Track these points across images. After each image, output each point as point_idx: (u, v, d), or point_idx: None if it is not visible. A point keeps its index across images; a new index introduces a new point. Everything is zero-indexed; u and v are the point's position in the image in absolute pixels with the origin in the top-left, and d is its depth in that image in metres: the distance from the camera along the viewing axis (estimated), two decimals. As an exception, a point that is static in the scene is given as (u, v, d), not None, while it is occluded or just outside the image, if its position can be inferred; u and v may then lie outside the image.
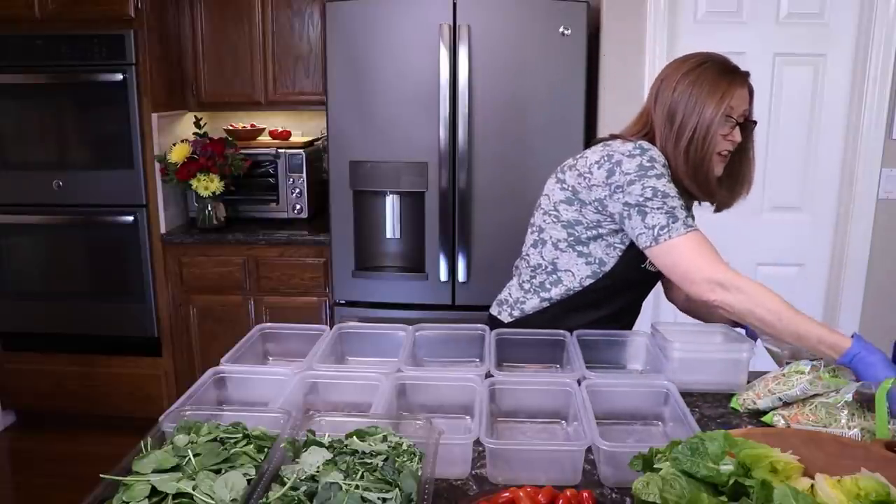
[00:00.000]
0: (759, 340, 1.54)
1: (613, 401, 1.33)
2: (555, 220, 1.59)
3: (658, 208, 1.46)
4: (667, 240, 1.46)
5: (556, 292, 1.63)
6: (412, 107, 2.77)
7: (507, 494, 0.99)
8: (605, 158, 1.51)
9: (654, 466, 0.98)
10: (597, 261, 1.58)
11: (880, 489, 0.89)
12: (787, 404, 1.31)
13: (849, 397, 1.24)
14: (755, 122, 1.56)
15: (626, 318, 1.73)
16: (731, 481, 0.91)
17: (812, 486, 0.94)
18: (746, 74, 1.53)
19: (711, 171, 1.51)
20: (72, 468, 2.98)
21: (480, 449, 1.16)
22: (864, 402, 1.22)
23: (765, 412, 1.34)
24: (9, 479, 3.08)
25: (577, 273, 1.60)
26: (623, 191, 1.48)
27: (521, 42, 2.70)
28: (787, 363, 1.40)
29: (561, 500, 0.98)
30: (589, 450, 1.15)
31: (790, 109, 2.76)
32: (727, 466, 0.93)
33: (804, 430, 1.19)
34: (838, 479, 0.93)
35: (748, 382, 1.43)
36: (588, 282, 1.60)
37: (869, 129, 2.68)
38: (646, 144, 1.50)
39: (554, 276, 1.62)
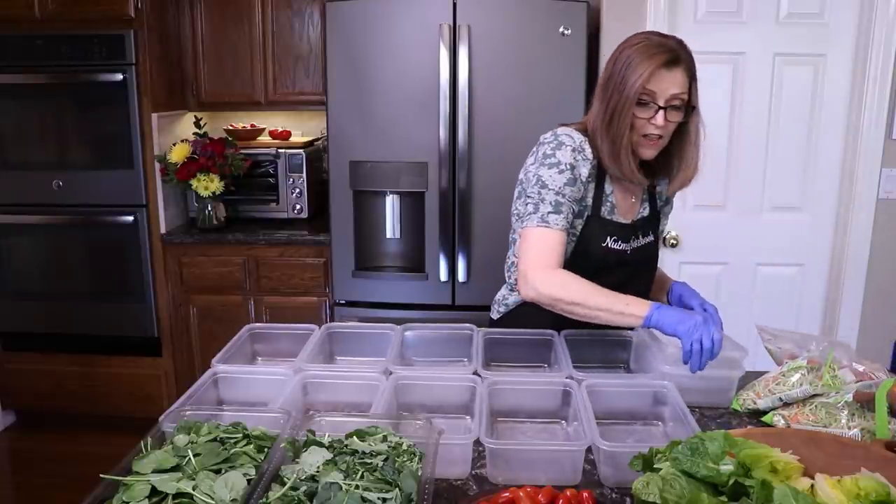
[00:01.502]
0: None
1: (613, 401, 1.33)
2: (515, 217, 1.63)
3: (531, 196, 1.51)
4: (522, 228, 1.53)
5: None
6: (412, 107, 2.77)
7: (507, 494, 0.99)
8: (535, 146, 1.59)
9: (654, 466, 0.98)
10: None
11: (880, 489, 0.89)
12: (787, 404, 1.31)
13: (849, 397, 1.25)
14: (692, 108, 1.51)
15: None
16: (731, 481, 0.91)
17: (812, 486, 0.94)
18: (681, 58, 1.46)
19: (624, 151, 1.49)
20: (72, 468, 2.98)
21: (480, 449, 1.16)
22: (864, 402, 1.22)
23: (765, 412, 1.34)
24: (9, 479, 3.08)
25: None
26: (524, 171, 1.57)
27: (521, 42, 2.70)
28: (786, 362, 1.40)
29: (561, 500, 0.98)
30: (589, 450, 1.15)
31: (790, 109, 2.75)
32: (727, 466, 0.93)
33: (804, 430, 1.19)
34: (838, 479, 0.93)
35: (749, 382, 1.43)
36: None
37: (869, 129, 2.68)
38: (563, 132, 1.54)
39: None
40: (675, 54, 1.44)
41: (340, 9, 2.73)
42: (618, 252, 1.59)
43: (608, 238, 1.57)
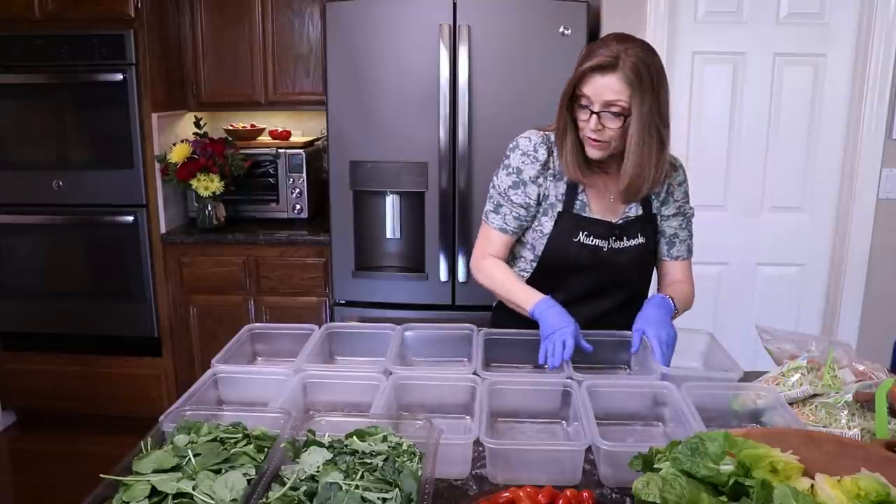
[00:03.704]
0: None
1: (613, 401, 1.33)
2: None
3: (489, 197, 1.67)
4: (481, 224, 1.71)
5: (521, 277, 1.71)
6: (412, 107, 2.77)
7: (507, 494, 0.99)
8: None
9: (654, 466, 0.98)
10: (532, 246, 1.67)
11: (880, 489, 0.89)
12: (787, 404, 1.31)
13: (849, 397, 1.25)
14: (626, 114, 1.45)
15: (595, 303, 1.66)
16: (731, 481, 0.91)
17: (812, 486, 0.94)
18: (618, 65, 1.42)
19: (567, 151, 1.54)
20: (72, 468, 2.98)
21: (480, 449, 1.16)
22: (864, 402, 1.22)
23: (765, 412, 1.34)
24: (9, 479, 3.08)
25: (525, 259, 1.69)
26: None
27: (521, 42, 2.70)
28: (786, 362, 1.40)
29: (561, 500, 0.98)
30: (589, 450, 1.15)
31: (790, 109, 2.76)
32: (727, 466, 0.93)
33: (804, 430, 1.19)
34: (838, 479, 0.93)
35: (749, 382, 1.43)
36: (534, 265, 1.67)
37: (869, 129, 2.68)
38: (524, 136, 1.63)
39: (513, 264, 1.73)
40: (610, 60, 1.43)
41: (340, 9, 2.73)
42: (592, 248, 1.61)
43: (580, 234, 1.60)
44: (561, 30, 2.67)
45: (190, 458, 1.00)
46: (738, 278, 2.90)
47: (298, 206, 3.33)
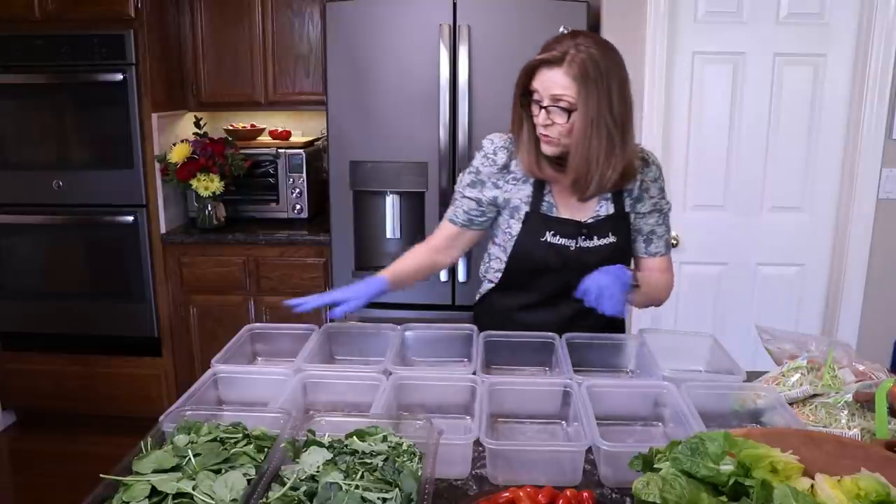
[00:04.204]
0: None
1: (614, 402, 1.33)
2: None
3: (453, 195, 1.71)
4: None
5: (491, 276, 1.74)
6: (412, 107, 2.77)
7: (507, 494, 0.99)
8: None
9: (654, 466, 0.98)
10: (503, 248, 1.68)
11: (880, 489, 0.89)
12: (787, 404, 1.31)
13: (849, 397, 1.25)
14: (573, 109, 1.45)
15: (569, 303, 1.61)
16: (731, 481, 0.91)
17: (812, 486, 0.94)
18: (566, 60, 1.43)
19: (523, 146, 1.56)
20: (72, 468, 2.98)
21: (480, 449, 1.16)
22: (864, 402, 1.22)
23: (765, 412, 1.34)
24: (9, 479, 3.08)
25: (500, 260, 1.70)
26: None
27: (521, 42, 2.70)
28: (786, 362, 1.40)
29: (561, 500, 0.98)
30: (589, 450, 1.15)
31: (790, 109, 2.75)
32: (727, 466, 0.93)
33: (804, 430, 1.19)
34: (838, 479, 0.93)
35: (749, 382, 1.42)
36: (503, 265, 1.69)
37: (869, 129, 2.68)
38: (488, 137, 1.67)
39: (488, 263, 1.76)
40: (558, 55, 1.43)
41: (340, 9, 2.73)
42: (559, 248, 1.61)
43: (547, 234, 1.61)
44: (561, 30, 2.65)
45: (190, 458, 1.00)
46: (738, 278, 2.90)
47: (298, 206, 3.33)
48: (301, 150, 3.30)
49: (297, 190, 3.31)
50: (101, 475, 0.97)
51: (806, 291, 2.90)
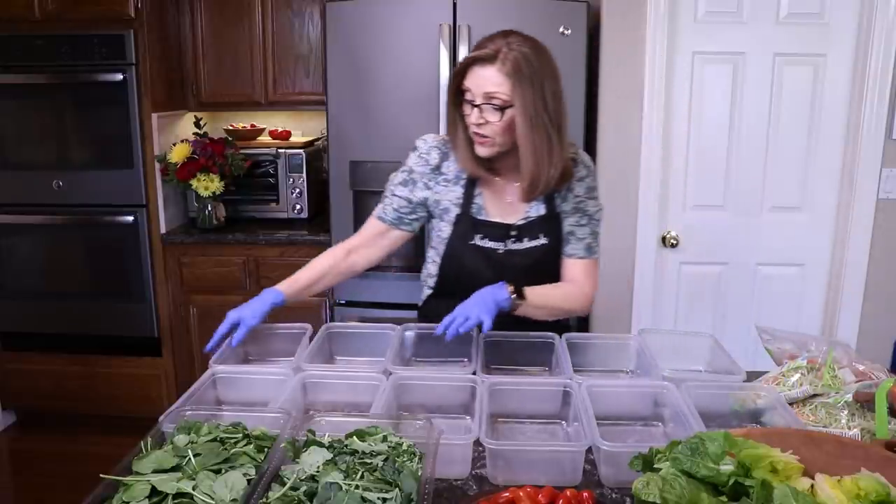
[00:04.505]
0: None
1: (614, 402, 1.33)
2: None
3: (384, 193, 1.71)
4: None
5: (430, 282, 1.75)
6: (412, 107, 2.77)
7: (507, 494, 0.99)
8: None
9: (654, 466, 0.98)
10: (437, 249, 1.69)
11: (880, 489, 0.89)
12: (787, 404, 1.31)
13: (849, 397, 1.25)
14: (506, 107, 1.45)
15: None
16: (731, 481, 0.91)
17: (812, 486, 0.94)
18: (498, 57, 1.43)
19: (459, 148, 1.56)
20: (72, 468, 2.98)
21: (480, 449, 1.16)
22: (864, 402, 1.22)
23: (765, 412, 1.34)
24: (9, 479, 3.08)
25: (435, 263, 1.71)
26: None
27: (521, 42, 2.70)
28: (786, 362, 1.40)
29: (561, 500, 0.98)
30: (589, 450, 1.15)
31: (790, 109, 2.75)
32: (727, 466, 0.93)
33: (804, 430, 1.19)
34: (838, 479, 0.93)
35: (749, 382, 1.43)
36: (437, 269, 1.70)
37: (869, 129, 2.68)
38: (422, 139, 1.68)
39: (426, 268, 1.76)
40: (490, 53, 1.44)
41: (340, 9, 2.73)
42: (487, 251, 1.61)
43: (476, 236, 1.61)
44: (561, 30, 2.67)
45: (190, 458, 1.00)
46: (738, 278, 2.90)
47: (298, 206, 3.33)
48: (301, 150, 3.30)
49: (297, 190, 3.31)
50: (101, 475, 0.97)
51: (806, 291, 2.90)
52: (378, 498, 0.93)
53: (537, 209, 1.62)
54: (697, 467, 0.93)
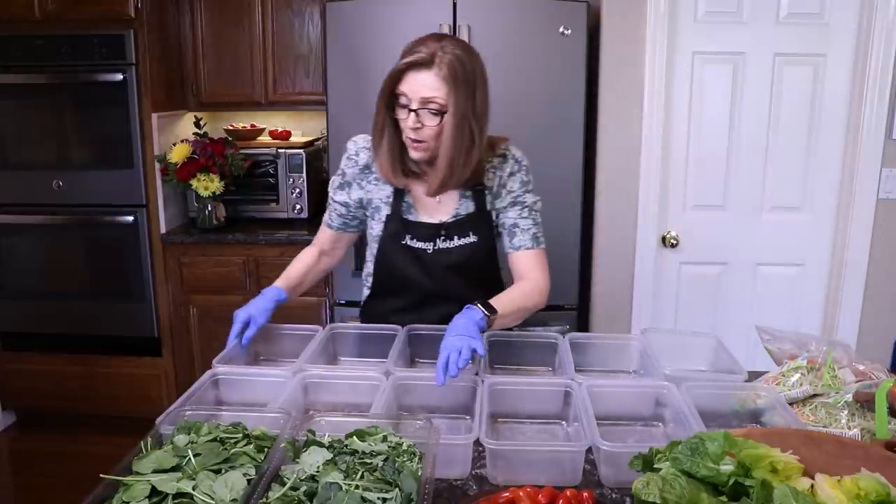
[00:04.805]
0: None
1: (614, 402, 1.33)
2: None
3: (328, 200, 1.73)
4: None
5: (368, 282, 1.76)
6: (412, 107, 2.77)
7: (507, 494, 0.99)
8: None
9: (654, 466, 0.98)
10: (371, 248, 1.71)
11: (880, 489, 0.89)
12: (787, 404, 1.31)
13: (849, 397, 1.25)
14: (443, 111, 1.46)
15: (440, 305, 1.62)
16: (731, 481, 0.91)
17: (812, 486, 0.94)
18: (434, 62, 1.44)
19: (384, 152, 1.55)
20: (72, 468, 2.98)
21: (480, 449, 1.16)
22: (864, 402, 1.22)
23: (765, 412, 1.34)
24: (9, 479, 3.08)
25: (370, 261, 1.73)
26: None
27: (521, 42, 2.70)
28: (786, 362, 1.40)
29: (561, 500, 0.98)
30: (589, 450, 1.15)
31: (790, 109, 2.75)
32: (727, 466, 0.93)
33: (804, 430, 1.19)
34: (838, 479, 0.93)
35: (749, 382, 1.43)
36: (373, 268, 1.71)
37: (869, 129, 2.68)
38: (352, 140, 1.68)
39: (366, 267, 1.77)
40: (426, 58, 1.44)
41: (340, 9, 2.73)
42: (416, 251, 1.62)
43: (406, 237, 1.62)
44: (561, 30, 2.67)
45: (190, 458, 1.00)
46: (738, 278, 2.90)
47: (298, 206, 3.33)
48: (301, 150, 3.30)
49: (297, 190, 3.31)
50: (101, 475, 0.97)
51: (806, 291, 2.90)
52: (378, 498, 0.93)
53: (466, 207, 1.62)
54: (697, 467, 0.93)
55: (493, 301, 1.49)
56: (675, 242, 2.86)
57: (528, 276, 1.61)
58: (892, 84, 2.63)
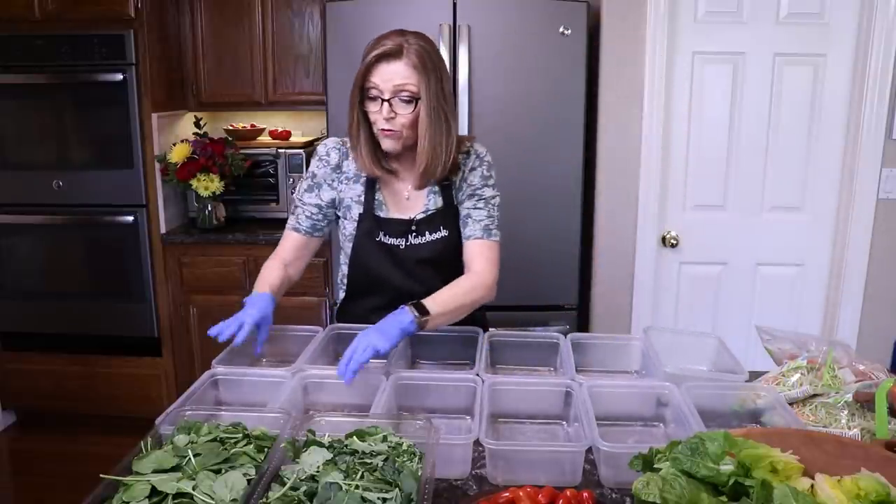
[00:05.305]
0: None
1: (614, 402, 1.33)
2: None
3: (293, 204, 1.73)
4: None
5: (344, 283, 1.76)
6: (412, 107, 2.77)
7: (507, 494, 0.99)
8: None
9: (654, 466, 0.98)
10: (345, 249, 1.71)
11: (880, 489, 0.89)
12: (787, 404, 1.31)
13: (849, 397, 1.25)
14: (416, 98, 1.49)
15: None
16: (731, 481, 0.91)
17: (812, 486, 0.94)
18: (402, 52, 1.47)
19: (358, 147, 1.57)
20: (72, 468, 2.98)
21: (480, 449, 1.16)
22: (864, 402, 1.22)
23: (765, 412, 1.34)
24: (9, 479, 3.08)
25: (345, 262, 1.73)
26: None
27: (521, 42, 2.70)
28: (786, 362, 1.40)
29: (561, 500, 0.98)
30: (589, 450, 1.15)
31: (790, 109, 2.75)
32: (727, 466, 0.93)
33: (804, 430, 1.19)
34: (838, 479, 0.93)
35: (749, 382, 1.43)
36: (347, 270, 1.72)
37: (869, 129, 2.68)
38: (322, 143, 1.69)
39: (340, 269, 1.77)
40: (394, 48, 1.48)
41: (340, 9, 2.73)
42: (389, 247, 1.63)
43: (380, 234, 1.63)
44: (561, 30, 2.67)
45: (190, 458, 1.00)
46: (738, 278, 2.90)
47: (298, 206, 3.32)
48: (301, 150, 3.30)
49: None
50: (101, 475, 0.97)
51: (806, 291, 2.90)
52: (378, 498, 0.93)
53: (435, 202, 1.64)
54: (697, 467, 0.93)
55: (435, 298, 1.50)
56: (675, 242, 2.86)
57: (474, 266, 1.62)
58: (892, 84, 2.63)
